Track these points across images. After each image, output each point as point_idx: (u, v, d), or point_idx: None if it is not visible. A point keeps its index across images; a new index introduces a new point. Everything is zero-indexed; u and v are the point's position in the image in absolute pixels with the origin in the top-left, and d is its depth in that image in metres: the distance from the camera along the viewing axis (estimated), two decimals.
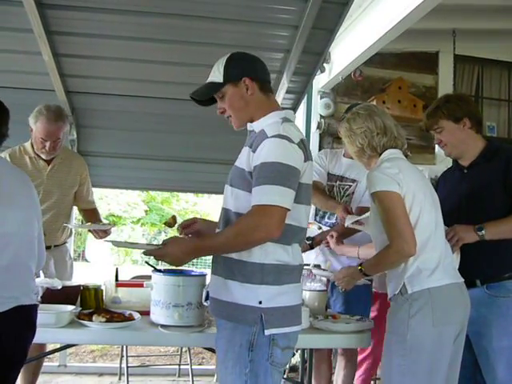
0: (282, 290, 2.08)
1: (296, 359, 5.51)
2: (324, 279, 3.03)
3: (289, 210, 2.01)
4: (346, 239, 3.28)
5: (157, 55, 3.96)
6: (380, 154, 2.49)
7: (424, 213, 2.36)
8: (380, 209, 2.35)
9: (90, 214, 3.95)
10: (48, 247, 3.08)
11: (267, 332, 2.03)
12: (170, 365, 5.31)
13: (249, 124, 2.22)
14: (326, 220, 3.62)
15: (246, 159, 2.11)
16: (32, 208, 2.34)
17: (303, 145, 2.09)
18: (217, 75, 2.20)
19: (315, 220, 3.64)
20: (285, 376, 4.98)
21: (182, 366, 5.12)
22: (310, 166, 2.16)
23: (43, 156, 3.71)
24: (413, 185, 2.36)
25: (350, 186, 3.53)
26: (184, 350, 5.11)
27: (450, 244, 2.54)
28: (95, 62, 4.18)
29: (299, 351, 5.29)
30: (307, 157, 2.10)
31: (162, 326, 2.49)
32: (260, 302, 2.03)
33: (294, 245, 2.14)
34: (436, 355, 2.29)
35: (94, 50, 4.01)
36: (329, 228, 3.53)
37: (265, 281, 2.05)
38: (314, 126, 5.78)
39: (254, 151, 2.07)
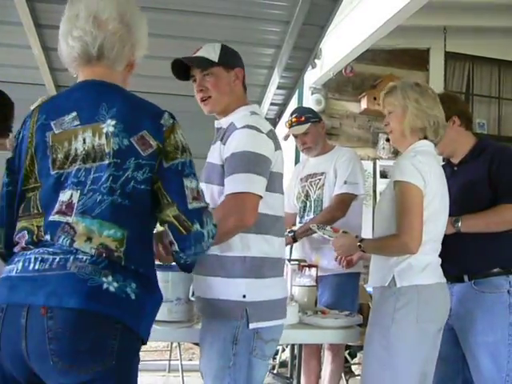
0: (265, 283, 2.10)
1: (286, 355, 5.53)
2: (313, 274, 3.03)
3: (261, 196, 2.04)
4: None
5: (150, 50, 3.94)
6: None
7: (434, 217, 2.36)
8: (399, 198, 2.33)
9: None
10: None
11: (251, 325, 2.04)
12: (161, 360, 5.31)
13: (216, 121, 2.30)
14: (306, 218, 3.67)
15: (218, 154, 2.15)
16: None
17: (273, 135, 2.14)
18: (211, 55, 2.25)
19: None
20: (275, 371, 5.01)
21: (172, 362, 5.13)
22: (281, 156, 2.19)
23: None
24: (435, 187, 2.35)
25: (320, 179, 3.63)
26: (174, 345, 5.13)
27: None
28: None
29: (289, 347, 5.33)
30: (277, 146, 2.15)
31: (156, 321, 2.49)
32: (244, 296, 2.05)
33: (274, 237, 2.16)
34: (416, 350, 2.31)
35: None
36: None
37: (247, 274, 2.06)
38: None
39: (224, 144, 2.13)
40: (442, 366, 2.51)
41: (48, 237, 1.56)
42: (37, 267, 1.53)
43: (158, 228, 1.75)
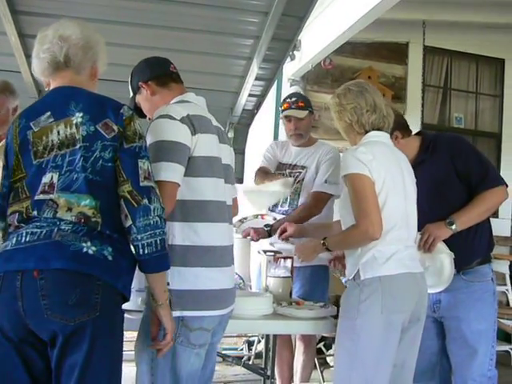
0: (191, 272, 2.10)
1: (262, 346, 5.55)
2: (288, 266, 3.04)
3: (176, 183, 2.05)
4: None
5: (123, 38, 3.88)
6: (366, 132, 2.49)
7: (390, 203, 2.38)
8: (350, 190, 2.38)
9: None
10: None
11: (173, 314, 2.04)
12: (132, 350, 5.29)
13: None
14: (279, 208, 3.66)
15: None
16: None
17: (189, 120, 2.13)
18: (130, 91, 2.45)
19: (268, 209, 3.69)
20: (250, 362, 5.03)
21: None
22: (208, 140, 2.18)
23: None
24: (383, 173, 2.37)
25: (300, 172, 3.62)
26: None
27: (426, 245, 2.64)
28: None
29: (264, 338, 5.35)
30: (196, 130, 2.13)
31: (126, 311, 2.48)
32: (168, 284, 2.05)
33: (203, 223, 2.14)
34: (383, 342, 2.33)
35: None
36: (283, 215, 3.60)
37: (173, 262, 2.04)
38: None
39: None
40: (422, 357, 2.54)
41: (35, 212, 1.86)
42: (28, 239, 1.81)
43: None
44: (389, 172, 2.40)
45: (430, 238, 2.63)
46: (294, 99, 3.72)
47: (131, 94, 2.44)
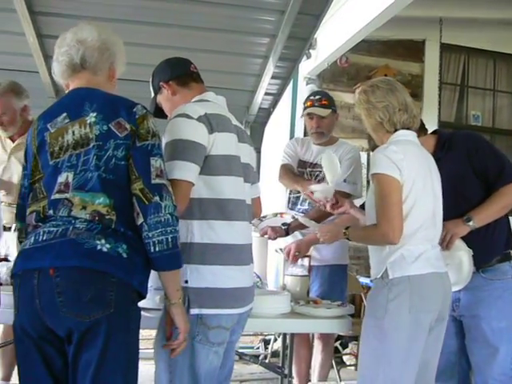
0: (209, 270, 2.10)
1: (278, 344, 5.56)
2: (306, 264, 3.04)
3: (190, 182, 2.06)
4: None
5: (142, 38, 3.92)
6: (395, 131, 2.48)
7: (419, 203, 2.36)
8: (376, 190, 2.36)
9: None
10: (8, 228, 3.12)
11: (192, 311, 2.05)
12: (151, 349, 5.31)
13: None
14: (299, 207, 3.66)
15: None
16: None
17: (206, 118, 2.13)
18: (151, 91, 2.47)
19: (288, 208, 3.69)
20: (266, 361, 5.03)
21: None
22: (225, 138, 2.19)
23: (3, 133, 3.66)
24: (414, 173, 2.35)
25: (320, 171, 3.57)
26: None
27: (444, 243, 2.58)
28: None
29: (281, 336, 5.35)
30: (213, 129, 2.14)
31: (145, 309, 2.49)
32: (186, 282, 2.06)
33: (221, 221, 2.14)
34: (411, 341, 2.31)
35: None
36: (302, 214, 3.56)
37: (191, 260, 2.06)
38: (299, 112, 5.77)
39: None
40: (441, 356, 2.53)
41: (51, 211, 1.89)
42: (45, 238, 1.84)
43: None
44: (418, 171, 2.38)
45: (447, 236, 2.61)
46: (317, 97, 3.70)
47: (152, 95, 2.45)
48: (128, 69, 2.20)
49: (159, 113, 2.41)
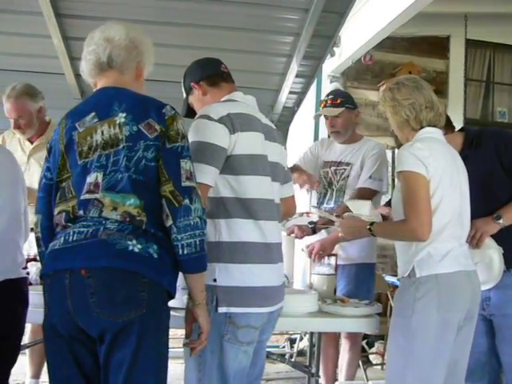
0: (238, 268, 2.10)
1: (304, 343, 5.55)
2: (332, 263, 3.03)
3: (206, 184, 2.06)
4: None
5: (166, 39, 3.93)
6: (421, 128, 2.46)
7: (446, 200, 2.34)
8: (403, 188, 2.35)
9: None
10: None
11: (220, 310, 2.06)
12: (179, 348, 5.33)
13: None
14: (325, 205, 3.64)
15: None
16: (18, 184, 2.38)
17: (228, 119, 2.14)
18: (183, 92, 2.48)
19: (313, 206, 3.67)
20: (292, 360, 5.03)
21: None
22: (250, 138, 2.19)
23: (21, 135, 3.71)
24: (440, 170, 2.34)
25: (345, 169, 3.59)
26: None
27: (474, 241, 2.57)
28: None
29: (307, 335, 5.33)
30: (235, 129, 2.14)
31: (173, 308, 2.50)
32: (214, 280, 2.06)
33: (245, 220, 2.15)
34: (439, 341, 2.30)
35: None
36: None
37: (220, 259, 2.07)
38: None
39: None
40: (471, 356, 2.50)
41: (81, 212, 1.88)
42: (75, 238, 1.84)
43: None
44: (445, 169, 2.36)
45: (477, 234, 2.59)
46: (330, 97, 3.69)
47: (184, 95, 2.47)
48: (154, 69, 2.21)
49: (191, 113, 2.42)
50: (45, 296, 1.89)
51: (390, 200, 2.99)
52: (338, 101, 3.62)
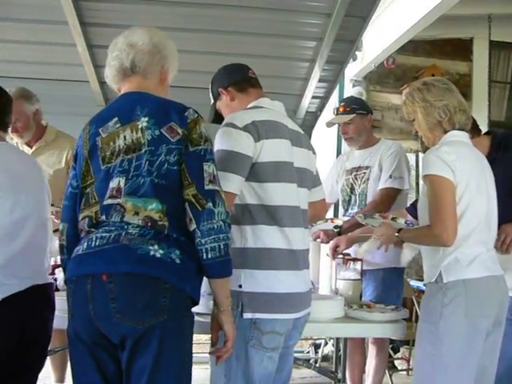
0: (264, 275, 2.10)
1: (328, 349, 5.53)
2: (358, 268, 3.02)
3: (231, 193, 2.06)
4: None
5: (190, 45, 3.95)
6: (450, 131, 2.44)
7: (473, 204, 2.32)
8: (429, 192, 2.33)
9: None
10: None
11: (245, 315, 2.06)
12: (203, 353, 5.34)
13: None
14: (350, 211, 3.65)
15: None
16: (44, 191, 2.41)
17: (253, 126, 2.14)
18: (211, 98, 2.49)
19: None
20: (317, 365, 5.01)
21: None
22: (275, 145, 2.19)
23: (19, 140, 3.69)
24: (467, 174, 2.32)
25: (365, 173, 3.60)
26: None
27: (503, 246, 2.54)
28: None
29: (331, 340, 5.31)
30: (260, 137, 2.14)
31: (198, 314, 2.50)
32: (240, 286, 2.06)
33: (271, 227, 2.14)
34: (467, 347, 2.27)
35: None
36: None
37: (245, 265, 2.07)
38: None
39: None
40: (499, 363, 2.46)
41: (104, 217, 1.88)
42: (97, 243, 1.83)
43: None
44: (472, 173, 2.34)
45: (507, 239, 2.55)
46: (341, 104, 3.72)
47: (212, 101, 2.48)
48: (177, 76, 2.22)
49: (219, 119, 2.42)
50: (68, 301, 1.88)
51: (413, 203, 2.97)
52: (348, 108, 3.64)
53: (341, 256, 3.15)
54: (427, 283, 2.41)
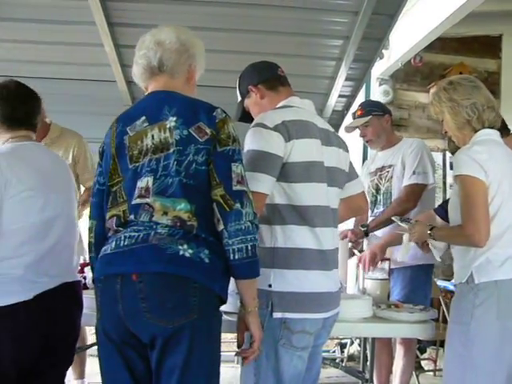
0: (293, 274, 2.09)
1: (354, 348, 5.50)
2: (386, 267, 3.00)
3: (262, 193, 2.06)
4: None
5: (216, 44, 3.96)
6: (480, 130, 2.41)
7: (506, 204, 2.29)
8: (461, 193, 2.31)
9: (89, 193, 3.91)
10: None
11: (275, 315, 2.05)
12: (229, 351, 5.35)
13: None
14: (375, 211, 3.65)
15: None
16: (72, 189, 2.45)
17: (284, 126, 2.12)
18: (238, 95, 2.46)
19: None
20: (343, 364, 4.99)
21: None
22: (305, 145, 2.16)
23: None
24: (500, 174, 2.29)
25: (388, 171, 3.60)
26: None
27: None
28: None
29: (357, 340, 5.28)
30: (290, 137, 2.12)
31: (225, 312, 2.51)
32: (269, 286, 2.05)
33: (300, 227, 2.13)
34: (499, 349, 2.24)
35: None
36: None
37: (275, 265, 2.06)
38: None
39: None
40: None
41: (132, 216, 1.88)
42: (126, 243, 1.84)
43: None
44: (504, 172, 2.31)
45: None
46: (358, 108, 3.74)
47: (239, 99, 2.46)
48: (204, 75, 2.22)
49: (246, 117, 2.41)
50: (97, 300, 1.90)
51: (441, 204, 2.93)
52: (363, 111, 3.66)
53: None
54: (458, 284, 2.38)
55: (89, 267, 2.91)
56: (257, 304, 1.94)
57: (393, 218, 2.95)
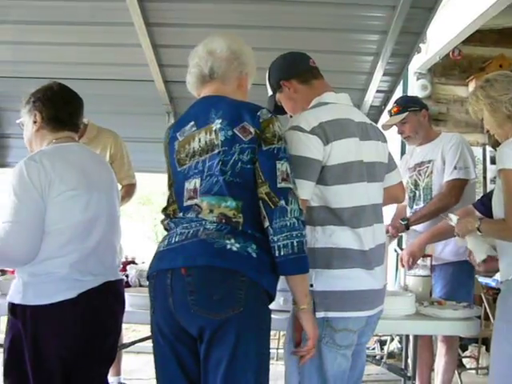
0: (335, 273, 2.08)
1: (394, 345, 5.46)
2: (428, 264, 2.96)
3: (303, 199, 2.01)
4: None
5: (254, 42, 3.87)
6: None
7: None
8: (504, 186, 2.27)
9: (127, 190, 3.94)
10: None
11: (318, 314, 2.03)
12: (272, 348, 5.36)
13: None
14: (415, 207, 3.62)
15: None
16: (114, 189, 2.48)
17: (321, 129, 2.08)
18: (269, 89, 2.43)
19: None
20: (384, 361, 4.95)
21: (279, 350, 5.15)
22: (343, 146, 2.12)
23: None
24: None
25: (428, 167, 3.56)
26: (282, 333, 5.15)
27: None
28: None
29: (397, 337, 5.24)
30: (328, 140, 2.08)
31: None
32: (311, 285, 2.04)
33: (340, 227, 2.11)
34: None
35: (190, 39, 3.96)
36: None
37: (316, 265, 2.05)
38: None
39: None
40: None
41: (181, 214, 1.97)
42: (177, 240, 1.91)
43: None
44: None
45: None
46: (394, 105, 3.72)
47: (269, 93, 2.43)
48: None
49: (279, 111, 2.38)
50: (150, 296, 1.96)
51: (480, 199, 2.88)
52: (398, 108, 3.64)
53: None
54: (504, 281, 2.34)
55: (131, 265, 2.96)
56: (310, 301, 1.96)
57: (450, 214, 2.90)
